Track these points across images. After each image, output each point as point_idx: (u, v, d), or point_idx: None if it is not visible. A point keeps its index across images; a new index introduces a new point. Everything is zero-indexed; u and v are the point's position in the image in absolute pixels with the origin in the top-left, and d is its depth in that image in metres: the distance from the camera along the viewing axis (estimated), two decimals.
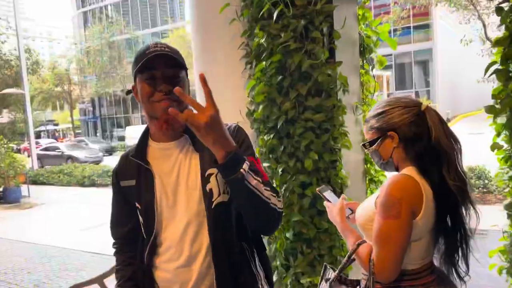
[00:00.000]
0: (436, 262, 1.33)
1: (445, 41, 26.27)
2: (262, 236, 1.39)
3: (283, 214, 2.62)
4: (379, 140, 1.30)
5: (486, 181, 7.21)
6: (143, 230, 1.29)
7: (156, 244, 1.26)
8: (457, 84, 29.35)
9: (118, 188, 1.35)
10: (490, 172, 7.18)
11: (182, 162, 1.26)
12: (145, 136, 1.33)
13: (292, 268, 2.63)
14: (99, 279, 2.35)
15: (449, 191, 1.21)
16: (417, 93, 27.69)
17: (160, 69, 1.19)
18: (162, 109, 1.19)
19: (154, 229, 1.24)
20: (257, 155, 1.28)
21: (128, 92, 1.35)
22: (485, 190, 7.13)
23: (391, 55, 26.77)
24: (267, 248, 2.88)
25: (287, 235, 2.58)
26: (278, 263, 2.75)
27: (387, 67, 26.37)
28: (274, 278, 2.79)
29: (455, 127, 22.84)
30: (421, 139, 1.23)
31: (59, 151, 21.14)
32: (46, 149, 21.89)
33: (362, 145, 1.39)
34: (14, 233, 7.51)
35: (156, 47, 1.20)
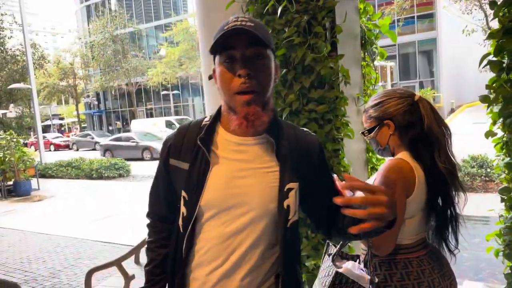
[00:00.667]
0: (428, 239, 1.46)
1: (449, 31, 26.13)
2: None
3: None
4: (376, 128, 1.43)
5: (488, 170, 7.30)
6: (181, 223, 1.13)
7: (194, 243, 1.12)
8: (462, 74, 29.23)
9: (166, 165, 1.18)
10: (493, 161, 7.28)
11: (257, 167, 1.09)
12: (216, 119, 1.16)
13: None
14: (117, 262, 2.49)
15: (440, 173, 1.33)
16: (421, 83, 27.64)
17: (239, 49, 1.02)
18: (242, 103, 1.03)
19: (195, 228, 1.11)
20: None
21: (210, 77, 1.16)
22: (487, 179, 7.22)
23: (395, 45, 26.68)
24: None
25: None
26: None
27: (391, 57, 26.28)
28: None
29: (460, 116, 22.82)
30: (415, 126, 1.36)
31: (134, 141, 19.66)
32: (117, 139, 20.78)
33: (362, 133, 1.52)
34: (26, 225, 7.71)
35: (236, 21, 1.03)
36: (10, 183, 11.14)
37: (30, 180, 11.44)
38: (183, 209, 1.11)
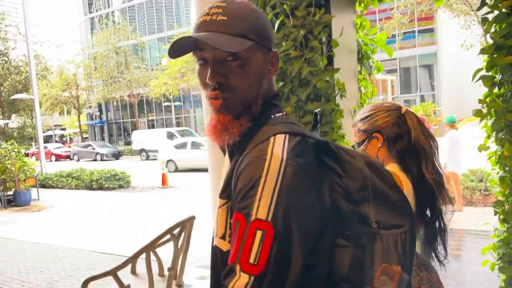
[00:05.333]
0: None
1: (450, 45, 26.33)
2: None
3: None
4: (366, 141, 1.46)
5: (488, 184, 7.30)
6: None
7: None
8: (462, 88, 29.30)
9: None
10: (488, 174, 7.29)
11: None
12: None
13: None
14: (113, 272, 2.51)
15: (427, 184, 1.36)
16: (422, 97, 27.75)
17: (208, 51, 0.87)
18: (213, 109, 0.91)
19: None
20: None
21: None
22: (486, 193, 7.21)
23: (395, 59, 26.89)
24: None
25: None
26: None
27: (392, 71, 26.46)
28: None
29: (461, 130, 22.79)
30: (402, 138, 1.40)
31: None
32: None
33: (352, 146, 1.55)
34: (25, 235, 7.71)
35: (207, 14, 0.87)
36: (10, 193, 11.15)
37: (30, 190, 11.45)
38: None
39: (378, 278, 0.80)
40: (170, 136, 23.66)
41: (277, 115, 0.93)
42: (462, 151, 6.76)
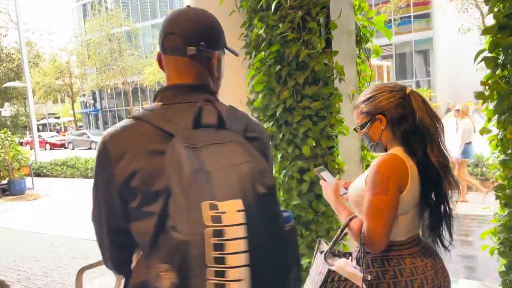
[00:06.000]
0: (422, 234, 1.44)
1: (446, 30, 26.21)
2: None
3: (283, 199, 2.73)
4: (368, 124, 1.40)
5: (484, 169, 7.31)
6: None
7: None
8: (458, 73, 29.30)
9: None
10: (488, 159, 7.29)
11: None
12: None
13: None
14: None
15: (433, 167, 1.31)
16: (417, 83, 27.69)
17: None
18: None
19: None
20: None
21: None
22: (482, 178, 7.23)
23: (391, 44, 26.72)
24: None
25: None
26: None
27: (388, 57, 26.32)
28: None
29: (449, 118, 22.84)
30: (407, 120, 1.33)
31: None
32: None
33: (354, 129, 1.50)
34: (20, 224, 7.66)
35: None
36: (5, 182, 11.07)
37: (25, 179, 11.36)
38: None
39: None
40: None
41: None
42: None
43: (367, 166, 3.33)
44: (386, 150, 1.41)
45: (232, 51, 1.12)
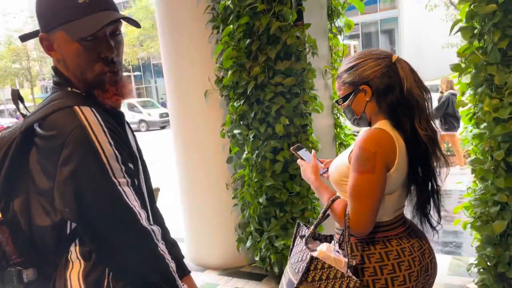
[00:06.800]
0: (409, 214, 1.36)
1: (411, 8, 26.51)
2: None
3: (256, 180, 2.62)
4: (352, 95, 1.28)
5: (450, 145, 7.47)
6: None
7: None
8: (423, 51, 29.80)
9: None
10: (461, 133, 7.44)
11: None
12: None
13: (266, 232, 2.66)
14: None
15: (421, 142, 1.22)
16: None
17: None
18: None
19: None
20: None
21: None
22: (449, 153, 7.38)
23: (358, 24, 26.84)
24: (241, 215, 2.89)
25: (260, 200, 2.59)
26: (252, 228, 2.77)
27: (354, 36, 26.48)
28: (248, 243, 2.82)
29: None
30: (393, 91, 1.22)
31: None
32: None
33: (336, 101, 1.38)
34: None
35: None
36: None
37: None
38: None
39: None
40: (131, 107, 22.84)
41: None
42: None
43: (340, 144, 3.26)
44: (370, 125, 1.30)
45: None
